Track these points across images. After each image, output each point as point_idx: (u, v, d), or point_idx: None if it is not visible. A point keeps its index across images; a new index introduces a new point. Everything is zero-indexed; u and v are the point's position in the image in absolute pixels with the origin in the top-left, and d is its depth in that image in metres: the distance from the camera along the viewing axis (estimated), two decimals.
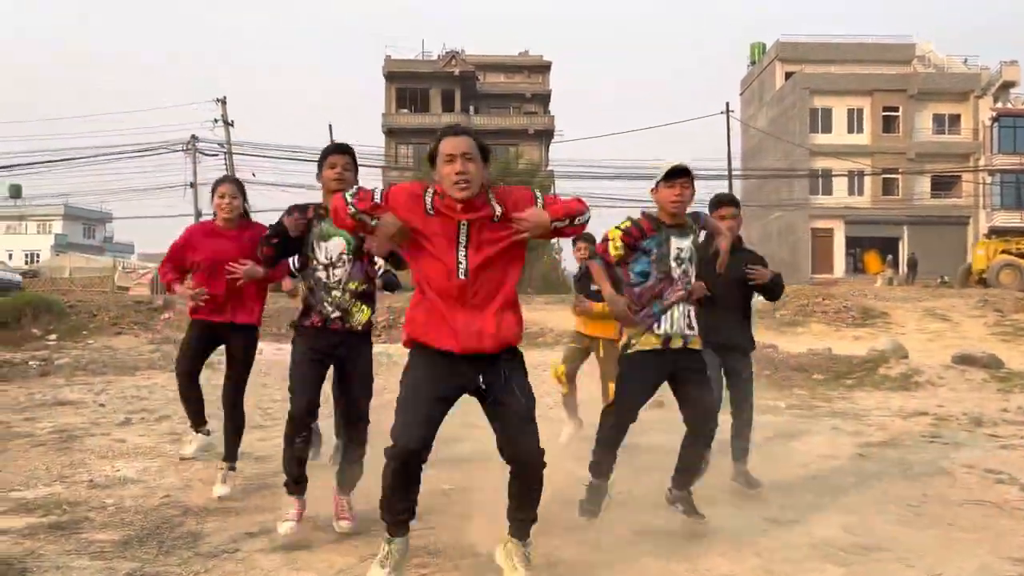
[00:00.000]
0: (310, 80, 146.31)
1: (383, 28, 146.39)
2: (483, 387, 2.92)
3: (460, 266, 2.86)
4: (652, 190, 3.73)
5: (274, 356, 9.63)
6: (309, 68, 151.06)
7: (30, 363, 11.75)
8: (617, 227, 3.75)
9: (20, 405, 8.14)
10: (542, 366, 9.30)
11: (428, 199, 2.92)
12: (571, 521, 3.73)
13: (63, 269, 38.36)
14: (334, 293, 3.74)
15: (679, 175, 3.65)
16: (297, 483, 3.77)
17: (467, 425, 4.33)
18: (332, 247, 3.76)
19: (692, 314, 3.78)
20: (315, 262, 3.78)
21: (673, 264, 3.71)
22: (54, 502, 4.35)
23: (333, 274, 3.75)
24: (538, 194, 3.01)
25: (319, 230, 3.76)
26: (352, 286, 3.76)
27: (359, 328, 3.79)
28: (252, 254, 4.35)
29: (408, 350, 3.04)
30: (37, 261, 48.01)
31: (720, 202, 4.58)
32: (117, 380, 10.47)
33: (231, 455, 4.57)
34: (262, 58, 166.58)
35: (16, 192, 54.34)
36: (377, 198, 2.95)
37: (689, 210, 3.82)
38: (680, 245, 3.72)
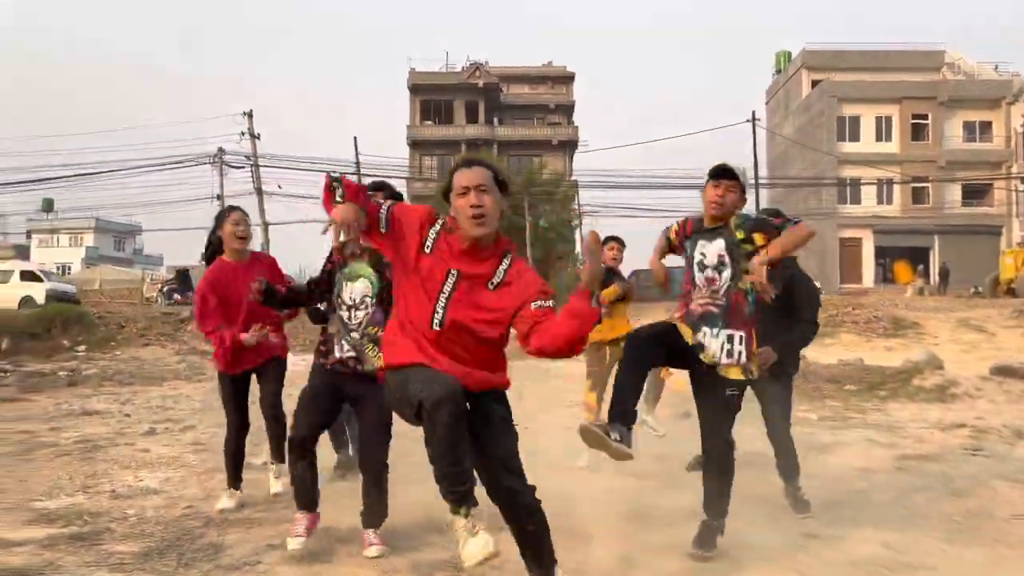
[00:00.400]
0: (309, 80, 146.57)
1: (381, 26, 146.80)
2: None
3: (436, 316, 2.64)
4: (703, 188, 3.63)
5: (297, 367, 9.62)
6: (308, 67, 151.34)
7: (59, 373, 11.89)
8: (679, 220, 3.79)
9: (47, 415, 8.21)
10: (559, 375, 9.21)
11: (431, 234, 2.71)
12: (602, 533, 3.62)
13: (94, 281, 38.98)
14: (352, 335, 3.69)
15: (721, 175, 3.51)
16: (305, 505, 3.66)
17: None
18: (357, 289, 3.71)
19: (739, 342, 3.46)
20: (339, 301, 3.73)
21: (695, 269, 3.55)
22: (76, 512, 4.33)
23: (355, 315, 3.69)
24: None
25: (349, 269, 3.73)
26: (371, 331, 3.66)
27: (370, 373, 3.59)
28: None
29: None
30: (69, 273, 48.78)
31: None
32: (143, 390, 10.56)
33: (279, 456, 4.52)
34: (261, 57, 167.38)
35: (48, 206, 55.33)
36: (383, 209, 2.70)
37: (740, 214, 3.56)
38: (704, 250, 3.54)
